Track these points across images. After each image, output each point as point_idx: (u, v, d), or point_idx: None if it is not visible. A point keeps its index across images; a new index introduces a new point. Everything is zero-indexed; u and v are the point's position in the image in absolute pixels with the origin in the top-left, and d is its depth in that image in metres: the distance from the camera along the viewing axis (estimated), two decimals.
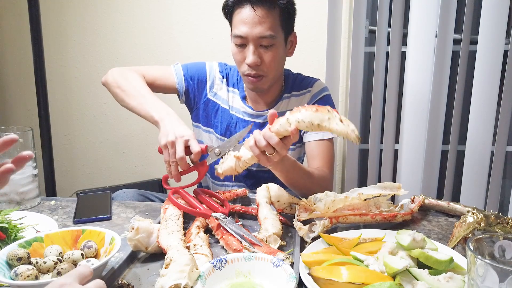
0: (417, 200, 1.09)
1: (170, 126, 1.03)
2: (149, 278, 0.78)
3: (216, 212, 0.93)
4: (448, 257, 0.73)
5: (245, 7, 1.18)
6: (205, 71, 1.38)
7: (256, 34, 1.18)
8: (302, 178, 1.15)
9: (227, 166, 0.97)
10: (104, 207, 1.13)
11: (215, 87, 1.37)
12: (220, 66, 1.41)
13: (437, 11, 1.80)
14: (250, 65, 1.21)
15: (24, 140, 1.13)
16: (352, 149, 2.01)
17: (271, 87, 1.30)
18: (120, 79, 1.23)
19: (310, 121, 0.86)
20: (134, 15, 2.14)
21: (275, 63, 1.24)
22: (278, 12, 1.19)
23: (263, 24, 1.17)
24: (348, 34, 1.96)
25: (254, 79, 1.24)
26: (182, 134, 1.00)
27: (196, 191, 1.06)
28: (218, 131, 1.37)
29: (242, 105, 1.36)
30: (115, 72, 1.27)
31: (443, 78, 1.86)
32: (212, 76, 1.38)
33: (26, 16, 1.69)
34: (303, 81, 1.38)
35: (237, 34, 1.20)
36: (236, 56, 1.25)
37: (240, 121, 1.36)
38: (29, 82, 2.16)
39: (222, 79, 1.38)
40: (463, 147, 1.92)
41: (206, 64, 1.40)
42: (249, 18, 1.17)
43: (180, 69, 1.37)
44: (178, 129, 1.01)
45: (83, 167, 2.38)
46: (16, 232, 0.90)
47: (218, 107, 1.37)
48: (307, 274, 0.73)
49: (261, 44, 1.20)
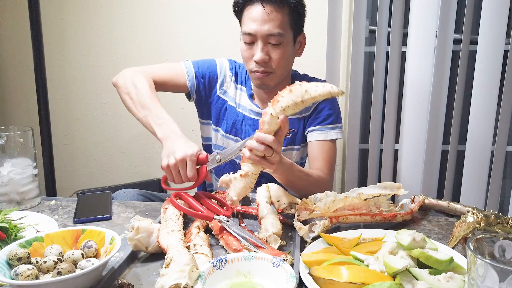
0: (417, 200, 1.09)
1: (171, 147, 1.01)
2: (149, 278, 0.79)
3: (219, 215, 0.92)
4: (448, 257, 0.73)
5: (255, 4, 1.19)
6: (216, 69, 1.38)
7: (264, 31, 1.18)
8: (301, 180, 1.15)
9: (239, 189, 0.94)
10: (104, 207, 1.13)
11: (225, 85, 1.38)
12: (230, 63, 1.41)
13: (437, 11, 1.80)
14: (258, 61, 1.22)
15: (24, 140, 1.13)
16: (352, 149, 2.01)
17: (278, 85, 1.29)
18: (130, 85, 1.21)
19: (293, 102, 0.87)
20: (135, 15, 2.14)
21: (282, 60, 1.24)
22: (287, 11, 1.20)
23: (272, 22, 1.18)
24: (348, 34, 1.96)
25: (261, 75, 1.24)
26: (182, 156, 0.98)
27: (197, 194, 1.06)
28: (224, 128, 1.38)
29: (249, 103, 1.36)
30: (127, 75, 1.24)
31: (443, 78, 1.86)
32: (222, 74, 1.38)
33: (26, 16, 1.69)
34: (310, 82, 1.38)
35: (246, 31, 1.20)
36: (244, 53, 1.25)
37: (247, 119, 1.36)
38: (29, 82, 2.16)
39: (232, 76, 1.38)
40: (463, 147, 1.92)
41: (216, 61, 1.39)
42: (258, 16, 1.18)
43: (191, 67, 1.35)
44: (179, 151, 0.99)
45: (83, 167, 2.37)
46: (16, 232, 0.90)
47: (226, 105, 1.37)
48: (307, 274, 0.73)
49: (269, 41, 1.20)
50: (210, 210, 0.97)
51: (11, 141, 1.11)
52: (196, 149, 1.00)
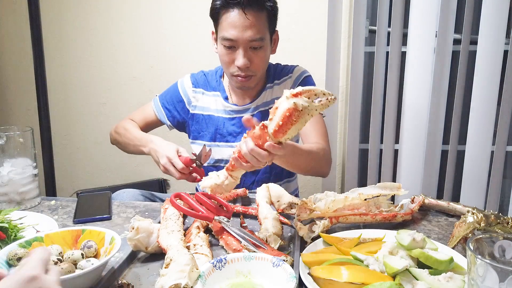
0: (417, 200, 1.09)
1: (156, 155, 1.20)
2: (149, 278, 0.79)
3: (219, 216, 0.92)
4: (448, 257, 0.73)
5: (234, 10, 1.19)
6: (178, 92, 1.44)
7: (246, 38, 1.20)
8: (305, 159, 1.12)
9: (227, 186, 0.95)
10: (104, 207, 1.13)
11: (192, 101, 1.42)
12: (192, 78, 1.45)
13: (437, 11, 1.80)
14: (240, 67, 1.24)
15: (24, 140, 1.13)
16: (352, 149, 2.01)
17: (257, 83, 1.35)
18: (116, 136, 1.43)
19: (298, 129, 0.80)
20: (134, 15, 2.14)
21: (263, 63, 1.29)
22: (265, 14, 1.22)
23: (253, 28, 1.19)
24: (348, 34, 1.96)
25: (243, 79, 1.27)
26: (166, 160, 1.15)
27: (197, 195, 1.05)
28: (207, 138, 1.40)
29: (227, 104, 1.39)
30: (112, 131, 1.45)
31: (443, 78, 1.86)
32: (185, 93, 1.43)
33: (26, 16, 1.69)
34: (283, 69, 1.42)
35: (226, 37, 1.21)
36: (224, 57, 1.27)
37: (227, 120, 1.39)
38: (29, 82, 2.15)
39: (196, 89, 1.42)
40: (463, 147, 1.92)
41: (178, 84, 1.45)
42: (239, 22, 1.19)
43: (157, 101, 1.46)
44: (161, 155, 1.17)
45: (83, 167, 2.37)
46: (16, 232, 0.90)
47: (202, 117, 1.41)
48: (307, 274, 0.73)
49: (251, 46, 1.22)
50: (210, 210, 0.97)
51: (11, 141, 1.11)
52: (172, 147, 1.16)
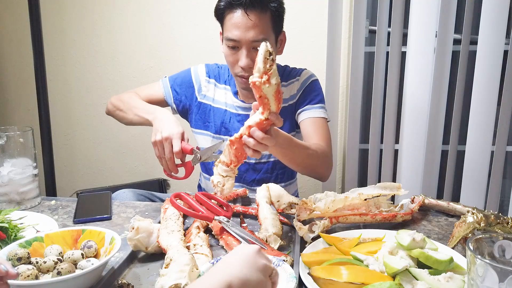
0: (417, 200, 1.09)
1: (159, 125, 1.11)
2: (149, 278, 0.79)
3: (219, 216, 0.92)
4: (448, 257, 0.73)
5: (237, 11, 1.19)
6: (191, 77, 1.43)
7: (249, 39, 1.20)
8: (300, 153, 1.12)
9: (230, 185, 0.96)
10: (104, 207, 1.13)
11: (203, 90, 1.42)
12: (207, 67, 1.45)
13: (437, 11, 1.80)
14: (243, 67, 1.24)
15: (24, 140, 1.13)
16: (352, 149, 2.01)
17: None
18: (117, 103, 1.36)
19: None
20: (135, 15, 2.14)
21: None
22: (269, 15, 1.22)
23: (256, 29, 1.19)
24: (348, 34, 1.96)
25: (247, 80, 1.26)
26: (168, 135, 1.06)
27: (197, 195, 1.06)
28: (213, 130, 1.40)
29: (235, 100, 1.39)
30: (113, 99, 1.38)
31: (443, 78, 1.86)
32: (198, 80, 1.42)
33: (26, 16, 1.69)
34: (291, 71, 1.42)
35: (230, 37, 1.21)
36: (228, 57, 1.27)
37: (234, 116, 1.39)
38: (29, 82, 2.15)
39: (209, 79, 1.42)
40: (463, 147, 1.92)
41: (191, 70, 1.44)
42: (242, 23, 1.19)
43: (167, 82, 1.44)
44: (165, 129, 1.08)
45: (83, 167, 2.37)
46: (16, 232, 0.90)
47: (210, 108, 1.41)
48: (307, 274, 0.73)
49: (254, 47, 1.22)
50: (210, 210, 0.97)
51: (11, 141, 1.11)
52: (181, 129, 1.08)
